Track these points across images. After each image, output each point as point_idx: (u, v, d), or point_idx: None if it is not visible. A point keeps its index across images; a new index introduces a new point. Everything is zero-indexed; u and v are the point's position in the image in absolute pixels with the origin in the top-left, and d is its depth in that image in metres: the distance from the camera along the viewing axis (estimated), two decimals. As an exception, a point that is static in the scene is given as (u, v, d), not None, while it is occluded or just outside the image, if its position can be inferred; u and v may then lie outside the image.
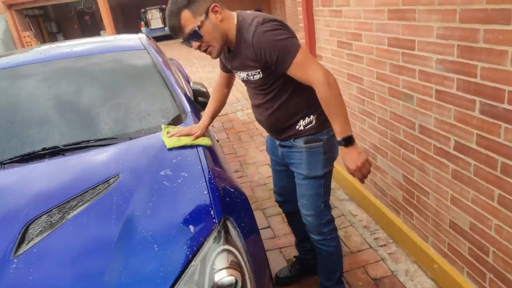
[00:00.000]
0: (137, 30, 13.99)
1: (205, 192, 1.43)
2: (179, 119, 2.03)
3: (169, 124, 1.97)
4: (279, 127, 1.67)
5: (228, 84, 1.90)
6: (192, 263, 1.18)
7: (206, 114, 1.88)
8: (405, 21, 1.81)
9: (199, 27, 1.44)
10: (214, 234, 1.27)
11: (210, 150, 1.82)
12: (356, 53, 2.33)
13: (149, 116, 2.06)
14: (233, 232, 1.32)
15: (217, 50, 1.52)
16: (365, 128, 2.45)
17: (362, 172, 1.50)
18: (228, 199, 1.50)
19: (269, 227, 2.66)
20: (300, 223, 1.86)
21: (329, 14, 2.57)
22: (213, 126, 4.94)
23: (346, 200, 2.86)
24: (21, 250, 1.22)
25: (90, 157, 1.76)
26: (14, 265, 1.17)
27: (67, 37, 21.21)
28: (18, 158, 1.78)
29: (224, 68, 1.81)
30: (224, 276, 1.16)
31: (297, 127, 1.64)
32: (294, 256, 2.22)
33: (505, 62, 1.32)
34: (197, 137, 1.76)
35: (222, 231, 1.29)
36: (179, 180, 1.51)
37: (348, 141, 1.47)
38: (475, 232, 1.66)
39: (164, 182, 1.50)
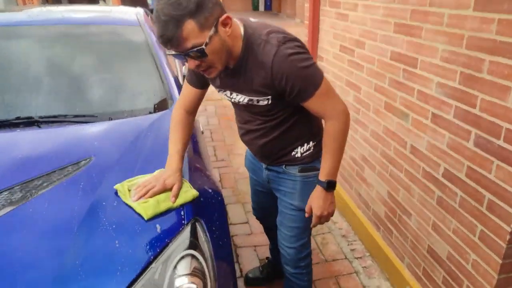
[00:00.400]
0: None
1: (178, 189, 1.35)
2: (165, 104, 1.94)
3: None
4: (272, 154, 1.48)
5: (195, 108, 1.51)
6: (153, 264, 1.11)
7: (174, 153, 1.39)
8: (410, 37, 1.73)
9: (206, 44, 1.10)
10: (181, 236, 1.20)
11: (193, 142, 1.74)
12: (357, 61, 2.25)
13: (134, 97, 1.97)
14: (202, 236, 1.25)
15: (219, 71, 1.21)
16: (356, 138, 2.39)
17: (321, 221, 1.44)
18: (202, 199, 1.42)
19: (247, 222, 2.61)
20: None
21: (335, 16, 2.48)
22: (205, 109, 4.85)
23: (328, 206, 2.81)
24: (-26, 227, 1.15)
25: (64, 133, 1.67)
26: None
27: (72, 1, 20.72)
28: (-11, 124, 1.68)
29: (197, 82, 1.43)
30: (185, 282, 1.10)
31: (293, 153, 1.45)
32: (267, 258, 2.17)
33: (507, 98, 1.25)
34: (177, 195, 1.28)
35: (190, 234, 1.22)
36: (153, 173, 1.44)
37: (331, 186, 1.37)
38: (451, 262, 1.62)
39: (137, 174, 1.42)
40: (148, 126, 1.72)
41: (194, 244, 1.20)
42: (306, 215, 1.46)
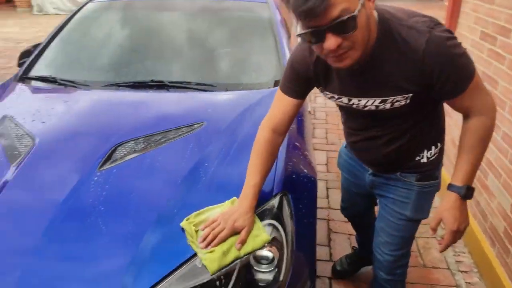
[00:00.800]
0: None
1: (273, 163, 1.41)
2: (279, 82, 2.00)
3: None
4: (393, 163, 1.29)
5: (287, 126, 1.27)
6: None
7: (249, 188, 1.20)
8: None
9: (358, 12, 0.90)
10: (267, 205, 1.27)
11: (298, 121, 1.78)
12: (499, 51, 1.95)
13: (251, 71, 2.08)
14: (286, 210, 1.30)
15: (355, 59, 0.98)
16: (484, 139, 2.10)
17: (456, 238, 1.20)
18: (294, 176, 1.47)
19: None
20: (369, 234, 1.63)
21: (481, -3, 2.17)
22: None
23: (439, 209, 2.57)
24: (105, 167, 1.39)
25: (186, 98, 1.87)
26: (96, 178, 1.35)
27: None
28: (131, 83, 1.98)
29: (296, 89, 1.22)
30: (263, 247, 1.17)
31: (417, 158, 1.26)
32: (353, 248, 2.10)
33: None
34: (244, 241, 1.14)
35: (275, 206, 1.28)
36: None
37: (470, 194, 1.15)
38: None
39: (240, 142, 1.53)
40: (258, 101, 1.81)
41: (277, 215, 1.26)
42: (432, 232, 1.22)
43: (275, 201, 1.29)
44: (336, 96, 1.18)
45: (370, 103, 1.12)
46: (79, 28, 2.40)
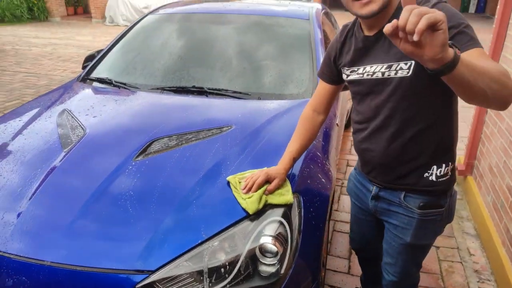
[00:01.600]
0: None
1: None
2: (309, 94, 2.11)
3: None
4: (399, 164, 1.23)
5: (325, 107, 1.43)
6: (248, 219, 1.32)
7: (287, 153, 1.42)
8: None
9: None
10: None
11: (323, 132, 1.87)
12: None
13: (284, 83, 2.20)
14: (296, 209, 1.39)
15: (378, 6, 1.05)
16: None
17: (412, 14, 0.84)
18: (309, 181, 1.56)
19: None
20: (375, 268, 1.66)
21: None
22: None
23: (471, 235, 2.49)
24: (139, 158, 1.58)
25: (221, 104, 2.04)
26: (130, 167, 1.54)
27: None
28: (174, 88, 2.18)
29: (329, 75, 1.37)
30: (268, 241, 1.27)
31: (426, 174, 1.21)
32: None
33: None
34: (272, 190, 1.36)
35: (285, 205, 1.38)
36: (274, 149, 1.64)
37: (453, 63, 0.81)
38: None
39: (263, 146, 1.65)
40: (286, 110, 1.93)
41: (286, 214, 1.36)
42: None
43: (286, 201, 1.39)
44: (352, 69, 1.23)
45: (378, 69, 1.14)
46: (137, 36, 2.69)
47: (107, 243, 1.26)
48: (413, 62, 1.07)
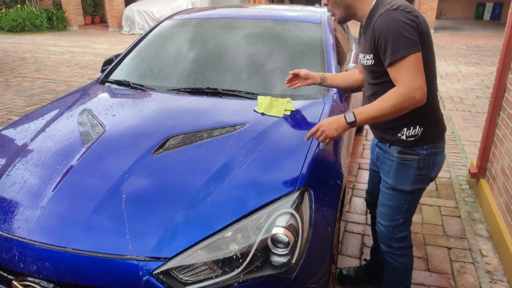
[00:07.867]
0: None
1: (300, 161, 1.57)
2: (320, 96, 2.15)
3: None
4: (380, 125, 1.59)
5: (361, 73, 1.84)
6: (260, 211, 1.37)
7: (324, 72, 2.06)
8: None
9: None
10: (289, 196, 1.42)
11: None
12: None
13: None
14: (306, 203, 1.44)
15: (337, 18, 1.58)
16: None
17: (313, 131, 1.55)
18: (320, 176, 1.60)
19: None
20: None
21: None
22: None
23: (483, 237, 2.48)
24: (156, 154, 1.64)
25: (234, 104, 2.10)
26: (148, 161, 1.60)
27: (292, 2, 22.82)
28: (190, 89, 2.25)
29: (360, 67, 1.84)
30: (280, 232, 1.31)
31: (398, 134, 1.54)
32: (365, 260, 2.16)
33: None
34: (298, 73, 1.92)
35: (296, 198, 1.42)
36: (286, 146, 1.69)
37: (351, 122, 1.48)
38: None
39: (275, 144, 1.70)
40: (296, 109, 1.98)
41: (297, 206, 1.40)
42: (306, 137, 1.61)
43: (297, 194, 1.43)
44: (361, 56, 1.59)
45: (362, 56, 1.56)
46: (153, 41, 2.77)
47: (125, 232, 1.32)
48: (372, 55, 1.47)
